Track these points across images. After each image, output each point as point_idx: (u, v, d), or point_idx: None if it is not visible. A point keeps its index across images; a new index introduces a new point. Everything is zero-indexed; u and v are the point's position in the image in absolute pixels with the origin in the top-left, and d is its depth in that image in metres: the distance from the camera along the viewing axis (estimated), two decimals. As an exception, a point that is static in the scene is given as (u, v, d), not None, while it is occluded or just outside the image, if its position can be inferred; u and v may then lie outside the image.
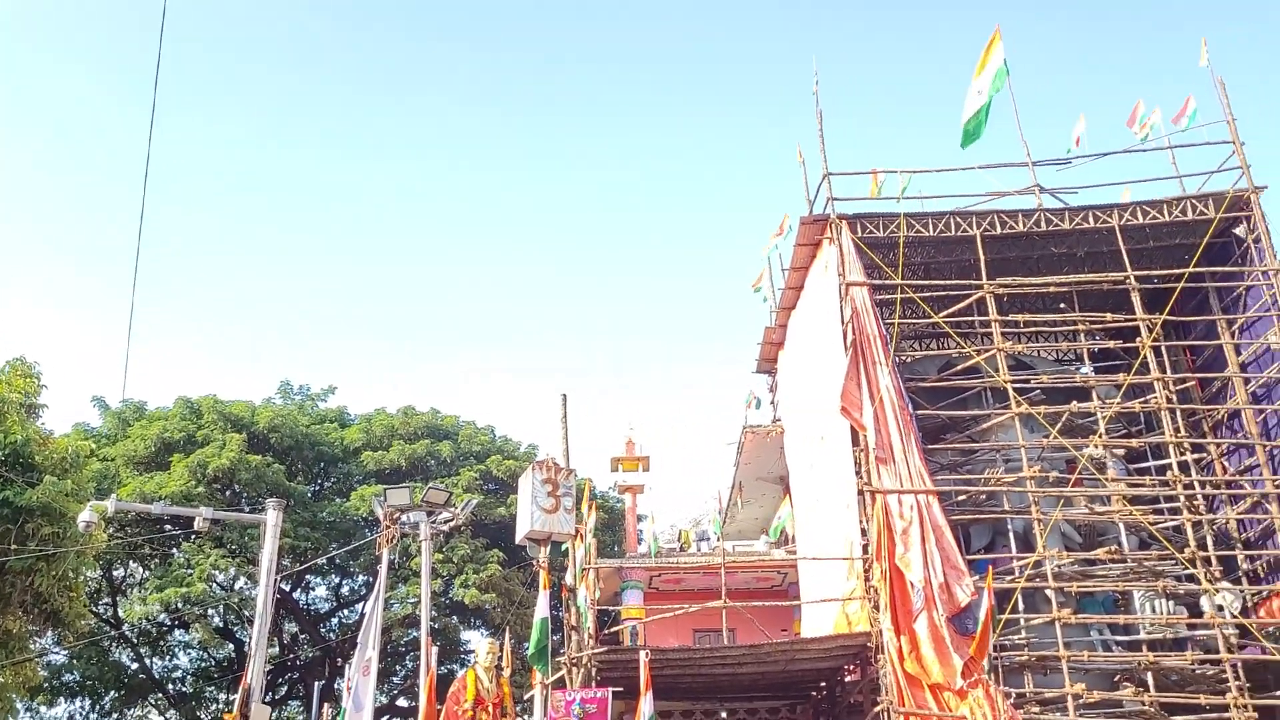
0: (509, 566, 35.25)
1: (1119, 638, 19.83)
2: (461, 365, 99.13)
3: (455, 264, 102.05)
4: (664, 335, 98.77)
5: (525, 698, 22.40)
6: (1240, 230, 21.71)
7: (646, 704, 13.95)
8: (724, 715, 21.89)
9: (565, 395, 19.76)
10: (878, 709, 17.73)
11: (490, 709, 15.10)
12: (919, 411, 20.80)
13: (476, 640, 28.27)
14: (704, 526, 28.16)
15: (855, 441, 19.94)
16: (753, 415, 26.90)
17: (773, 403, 27.49)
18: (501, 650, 16.21)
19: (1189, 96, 22.11)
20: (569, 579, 19.25)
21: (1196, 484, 20.90)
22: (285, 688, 41.60)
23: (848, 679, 20.25)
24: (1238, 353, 22.02)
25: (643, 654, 14.76)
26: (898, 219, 21.43)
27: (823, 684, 21.34)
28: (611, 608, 25.64)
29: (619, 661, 17.80)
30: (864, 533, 19.32)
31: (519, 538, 17.98)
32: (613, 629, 23.58)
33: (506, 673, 16.39)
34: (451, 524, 21.73)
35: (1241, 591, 20.24)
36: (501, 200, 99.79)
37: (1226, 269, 21.88)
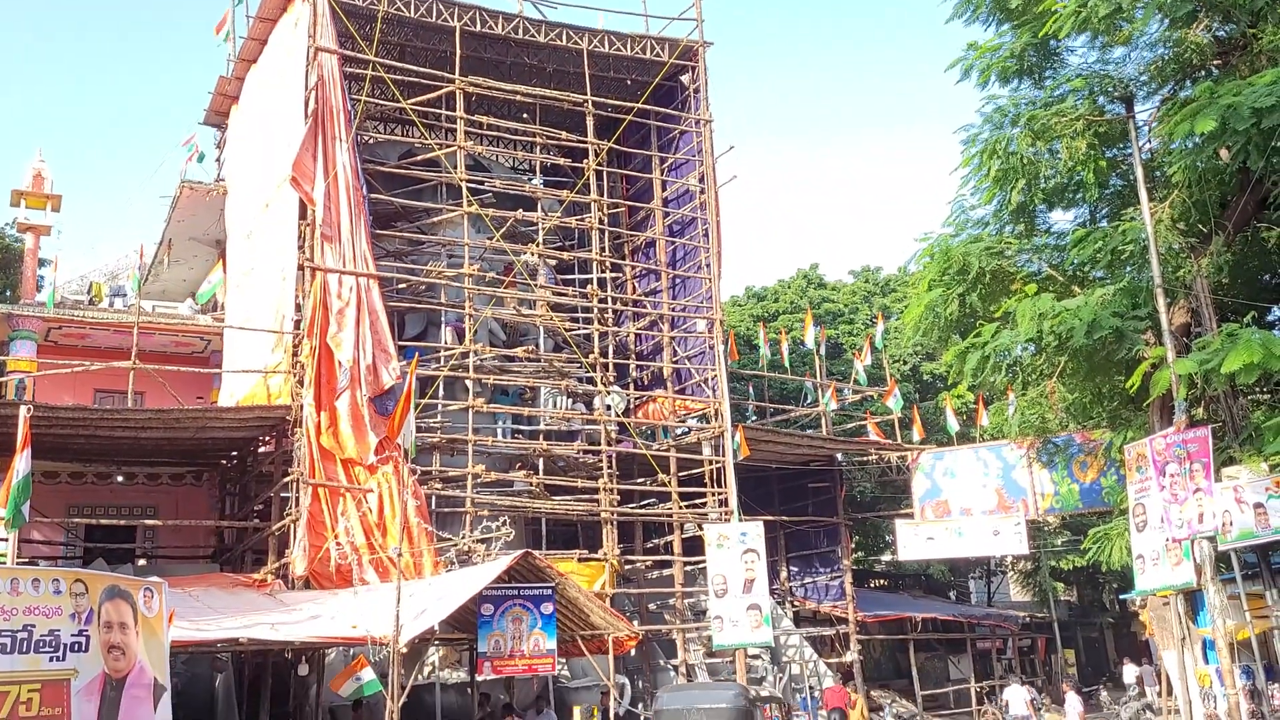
0: None
1: (521, 427, 21.91)
2: None
3: None
4: (109, 68, 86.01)
5: None
6: (686, 79, 23.98)
7: (22, 462, 12.59)
8: (119, 479, 20.64)
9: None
10: (288, 479, 17.88)
11: None
12: (372, 195, 20.55)
13: None
14: (121, 282, 25.48)
15: (302, 215, 19.24)
16: (194, 170, 24.54)
17: (219, 160, 25.40)
18: None
19: None
20: (-60, 321, 16.51)
21: (610, 299, 23.42)
22: None
23: (261, 450, 20.08)
24: (664, 189, 24.76)
25: (24, 409, 13.18)
26: (380, -10, 20.44)
27: (234, 453, 20.96)
28: (-3, 359, 22.55)
29: (-5, 417, 15.81)
30: (298, 308, 18.94)
31: None
32: (-6, 382, 20.81)
33: None
34: None
35: (627, 395, 23.49)
36: None
37: (668, 111, 24.13)
